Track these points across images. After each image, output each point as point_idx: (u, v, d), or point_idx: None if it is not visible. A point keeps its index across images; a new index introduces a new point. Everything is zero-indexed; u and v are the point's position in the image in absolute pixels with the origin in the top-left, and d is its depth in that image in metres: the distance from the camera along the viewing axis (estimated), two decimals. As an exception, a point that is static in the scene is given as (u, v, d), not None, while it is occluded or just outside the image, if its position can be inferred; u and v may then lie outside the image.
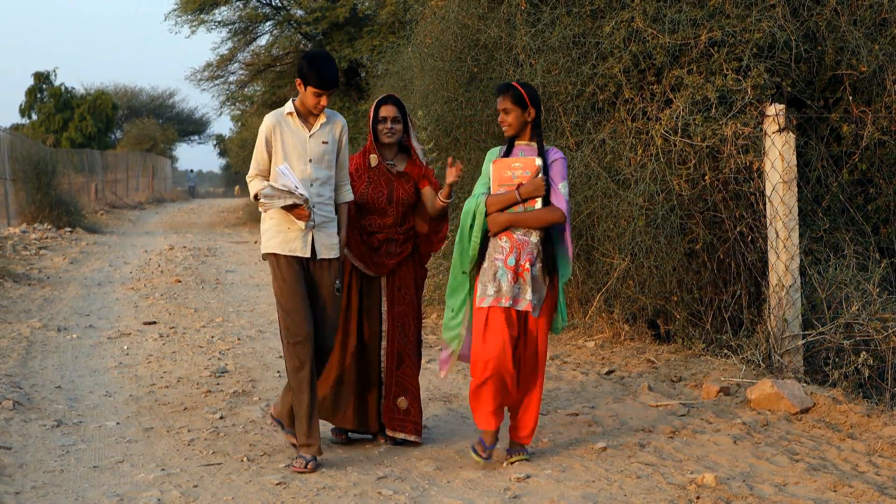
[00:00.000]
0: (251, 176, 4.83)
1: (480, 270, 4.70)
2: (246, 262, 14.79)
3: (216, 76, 23.54)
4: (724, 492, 4.29)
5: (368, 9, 19.70)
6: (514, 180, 4.64)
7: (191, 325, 9.00)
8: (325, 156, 4.79)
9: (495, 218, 4.65)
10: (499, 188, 4.66)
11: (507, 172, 4.66)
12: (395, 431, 5.14)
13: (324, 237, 4.79)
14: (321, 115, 4.80)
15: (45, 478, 4.63)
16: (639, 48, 6.89)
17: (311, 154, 4.76)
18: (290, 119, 4.79)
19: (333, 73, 4.65)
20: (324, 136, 4.80)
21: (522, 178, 4.63)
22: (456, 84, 8.71)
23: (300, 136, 4.77)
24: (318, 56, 4.67)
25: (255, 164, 4.82)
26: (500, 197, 4.65)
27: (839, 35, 6.73)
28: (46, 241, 16.70)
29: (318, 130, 4.79)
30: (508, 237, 4.65)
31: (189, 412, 5.90)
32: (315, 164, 4.76)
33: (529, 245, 4.65)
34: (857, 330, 5.95)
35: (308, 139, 4.77)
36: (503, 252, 4.65)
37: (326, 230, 4.81)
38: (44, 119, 42.79)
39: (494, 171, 4.69)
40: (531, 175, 4.62)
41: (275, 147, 4.76)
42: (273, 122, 4.78)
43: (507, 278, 4.62)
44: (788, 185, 6.14)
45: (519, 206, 4.63)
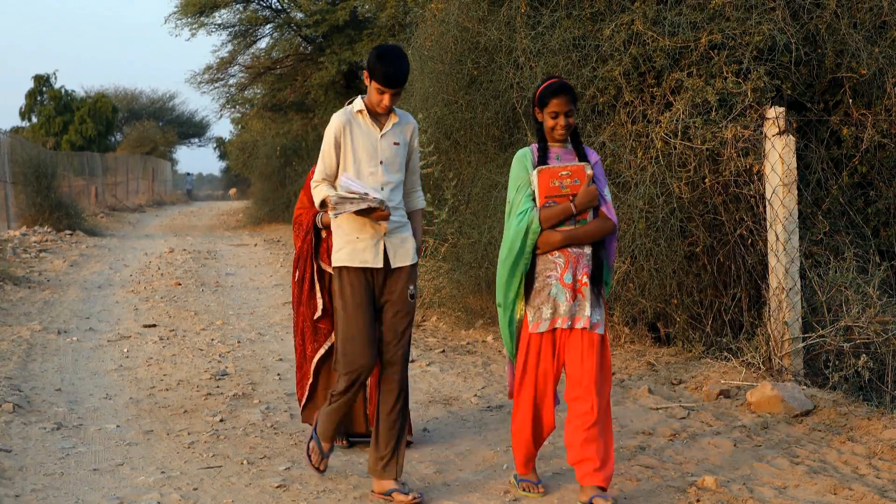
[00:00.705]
0: (317, 181, 4.40)
1: (532, 293, 4.24)
2: (246, 264, 14.79)
3: (216, 79, 23.55)
4: (725, 495, 4.29)
5: (368, 11, 19.71)
6: (562, 190, 4.18)
7: (191, 328, 9.00)
8: (396, 158, 4.42)
9: (549, 237, 4.19)
10: (545, 200, 4.19)
11: (554, 182, 4.19)
12: None
13: (397, 244, 4.39)
14: (393, 115, 4.42)
15: (44, 480, 4.63)
16: (639, 51, 6.89)
17: (382, 155, 4.38)
18: (359, 118, 4.40)
19: (401, 71, 4.25)
20: (395, 136, 4.42)
21: (572, 187, 4.18)
22: (456, 87, 8.71)
23: (371, 136, 4.38)
24: (387, 51, 4.28)
25: (321, 167, 4.41)
26: (554, 211, 4.18)
27: (839, 38, 6.73)
28: (46, 243, 16.70)
29: (389, 130, 4.41)
30: (563, 252, 4.20)
31: (189, 415, 5.90)
32: (386, 166, 4.39)
33: (584, 258, 4.22)
34: (857, 333, 5.95)
35: (379, 139, 4.38)
36: (558, 269, 4.21)
37: (399, 236, 4.40)
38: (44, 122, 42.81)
39: (541, 180, 4.18)
40: (582, 184, 4.19)
41: (344, 148, 4.37)
42: (343, 121, 4.38)
43: (566, 296, 4.18)
44: (788, 187, 6.14)
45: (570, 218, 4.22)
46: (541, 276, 4.23)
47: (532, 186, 4.23)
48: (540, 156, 4.26)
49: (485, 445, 5.20)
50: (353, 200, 4.19)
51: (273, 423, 5.71)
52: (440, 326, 8.86)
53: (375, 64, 4.23)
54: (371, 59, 4.26)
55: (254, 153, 24.78)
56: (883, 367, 5.90)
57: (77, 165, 30.14)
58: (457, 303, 8.78)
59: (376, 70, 4.24)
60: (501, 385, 6.61)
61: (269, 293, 11.40)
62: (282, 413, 5.92)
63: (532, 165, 4.24)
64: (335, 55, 19.55)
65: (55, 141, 39.98)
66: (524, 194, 4.24)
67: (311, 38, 21.15)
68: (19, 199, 19.78)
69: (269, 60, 22.70)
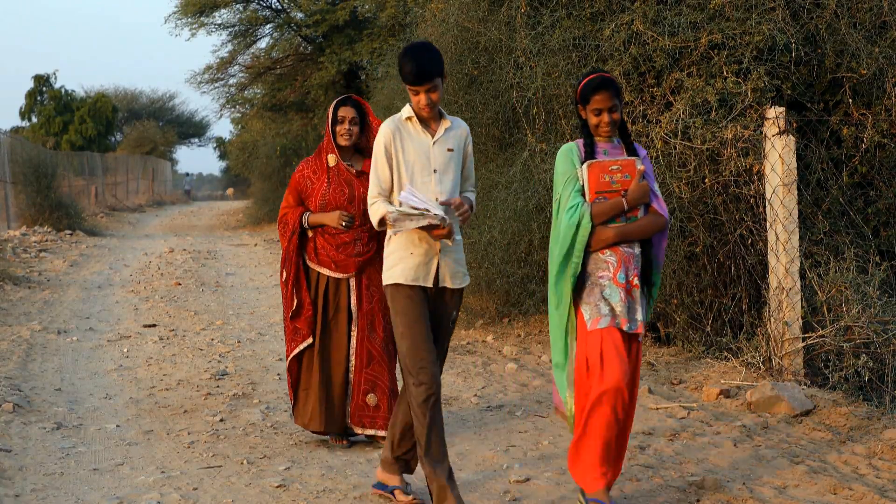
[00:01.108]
0: (373, 197, 4.14)
1: (582, 292, 4.03)
2: (246, 264, 14.79)
3: (216, 79, 23.55)
4: (725, 494, 4.29)
5: (368, 11, 19.71)
6: (613, 185, 4.00)
7: (191, 328, 9.00)
8: (450, 165, 4.15)
9: (602, 234, 3.99)
10: (596, 196, 3.99)
11: (604, 177, 4.00)
12: (363, 428, 5.18)
13: (451, 263, 4.16)
14: (444, 119, 4.17)
15: (44, 480, 4.63)
16: (639, 51, 6.89)
17: (435, 164, 4.12)
18: (409, 125, 4.15)
19: (426, 64, 3.97)
20: (449, 142, 4.16)
21: (622, 182, 4.00)
22: (456, 87, 8.71)
23: (422, 144, 4.12)
24: (409, 48, 4.03)
25: (375, 182, 4.14)
26: (605, 206, 3.98)
27: (839, 38, 6.73)
28: (46, 243, 16.70)
29: (441, 136, 4.15)
30: (614, 251, 4.01)
31: (189, 415, 5.90)
32: (440, 174, 4.12)
33: (634, 258, 4.04)
34: (857, 333, 5.94)
35: (431, 146, 4.12)
36: (610, 268, 4.01)
37: (454, 255, 4.18)
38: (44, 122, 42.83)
39: (591, 175, 3.99)
40: (633, 179, 4.01)
41: (395, 158, 4.10)
42: (391, 130, 4.12)
43: (619, 297, 3.98)
44: (788, 187, 6.14)
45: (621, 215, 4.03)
46: (592, 275, 4.02)
47: (581, 181, 4.03)
48: (587, 151, 4.06)
49: (485, 445, 5.20)
50: (412, 217, 3.94)
51: (273, 423, 5.71)
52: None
53: (400, 64, 4.03)
54: (399, 61, 4.05)
55: (254, 153, 24.77)
56: (883, 367, 5.90)
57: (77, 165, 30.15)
58: (457, 303, 8.76)
59: (402, 70, 4.02)
60: (501, 385, 6.61)
61: (269, 293, 11.40)
62: (282, 413, 5.92)
63: (579, 160, 4.04)
64: (335, 55, 19.55)
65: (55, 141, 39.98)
66: (572, 189, 4.02)
67: (311, 38, 21.15)
68: (19, 199, 19.78)
69: (269, 60, 22.70)
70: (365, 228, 5.22)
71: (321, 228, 5.21)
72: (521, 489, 4.48)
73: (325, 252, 5.19)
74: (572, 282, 4.01)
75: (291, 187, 5.32)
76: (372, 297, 5.22)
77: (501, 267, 7.90)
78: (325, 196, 5.18)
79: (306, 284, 5.23)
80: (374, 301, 5.22)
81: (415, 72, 3.97)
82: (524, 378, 6.77)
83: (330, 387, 5.19)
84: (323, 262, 5.21)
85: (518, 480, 4.57)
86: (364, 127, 5.26)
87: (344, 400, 5.21)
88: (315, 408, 5.17)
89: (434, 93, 4.04)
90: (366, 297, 5.22)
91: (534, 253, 7.82)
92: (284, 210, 5.32)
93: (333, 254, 5.18)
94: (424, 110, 4.09)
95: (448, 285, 4.16)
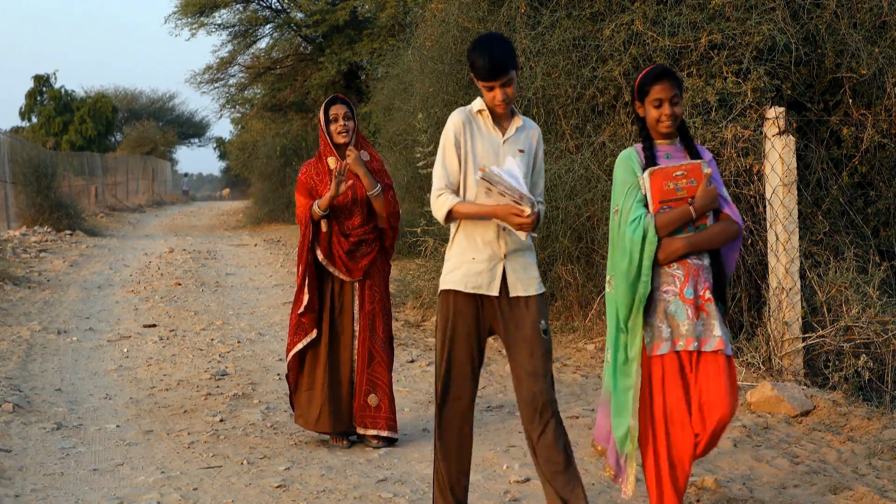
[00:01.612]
0: (439, 189, 3.79)
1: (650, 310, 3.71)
2: (246, 264, 14.79)
3: (216, 79, 23.57)
4: (725, 494, 4.29)
5: (368, 12, 19.72)
6: (678, 193, 3.68)
7: (191, 328, 9.00)
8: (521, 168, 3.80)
9: (671, 245, 3.66)
10: (660, 206, 3.68)
11: (668, 184, 3.67)
12: (366, 428, 5.18)
13: (519, 269, 3.79)
14: (516, 118, 3.87)
15: (44, 481, 4.63)
16: (639, 51, 6.89)
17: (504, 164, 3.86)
18: (479, 118, 3.85)
19: (499, 56, 3.68)
20: (520, 143, 3.85)
21: (688, 188, 3.68)
22: (456, 87, 8.72)
23: (492, 142, 3.82)
24: (480, 40, 3.76)
25: (441, 173, 3.81)
26: (671, 216, 3.66)
27: (839, 38, 6.73)
28: (46, 244, 16.70)
29: (513, 136, 3.85)
30: (682, 263, 3.68)
31: (189, 415, 5.90)
32: None
33: (704, 270, 3.71)
34: (857, 333, 5.94)
35: (501, 145, 3.82)
36: (676, 282, 3.69)
37: (523, 260, 3.82)
38: (44, 122, 42.83)
39: (654, 184, 3.67)
40: (699, 184, 3.68)
41: (464, 149, 3.80)
42: (462, 120, 3.82)
43: (688, 314, 3.65)
44: (788, 187, 6.14)
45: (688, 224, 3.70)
46: (656, 291, 3.70)
47: (643, 190, 3.71)
48: (647, 156, 3.74)
49: (485, 445, 5.20)
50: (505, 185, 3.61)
51: (273, 423, 5.71)
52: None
53: (471, 57, 3.75)
54: (469, 56, 3.78)
55: (254, 153, 24.79)
56: (883, 367, 5.90)
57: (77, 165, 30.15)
58: (457, 303, 8.76)
59: (474, 64, 3.74)
60: (501, 385, 6.61)
61: (269, 293, 11.39)
62: (282, 413, 5.92)
63: (640, 167, 3.72)
64: (335, 55, 19.55)
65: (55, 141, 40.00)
66: (634, 199, 3.70)
67: (311, 38, 21.15)
68: (19, 199, 19.78)
69: (269, 60, 22.72)
70: (369, 229, 5.22)
71: (336, 229, 5.21)
72: (521, 489, 4.48)
73: (339, 255, 5.20)
74: (642, 303, 3.66)
75: (301, 189, 5.31)
76: (374, 297, 5.23)
77: (501, 267, 7.89)
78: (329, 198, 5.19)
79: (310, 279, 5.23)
80: (376, 301, 5.23)
81: (489, 66, 3.68)
82: (524, 378, 6.76)
83: (337, 386, 5.19)
84: (337, 265, 5.22)
85: (518, 480, 4.57)
86: (356, 123, 5.29)
87: (350, 399, 5.22)
88: (323, 408, 5.16)
89: (509, 87, 3.75)
90: (368, 297, 5.22)
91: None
92: (300, 210, 5.34)
93: (344, 258, 5.19)
94: (500, 106, 3.78)
95: (520, 293, 3.78)
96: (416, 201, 10.39)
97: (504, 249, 3.77)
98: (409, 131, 10.19)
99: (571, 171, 7.14)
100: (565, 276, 7.82)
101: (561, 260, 7.76)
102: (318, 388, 5.18)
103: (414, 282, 9.76)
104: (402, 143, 10.71)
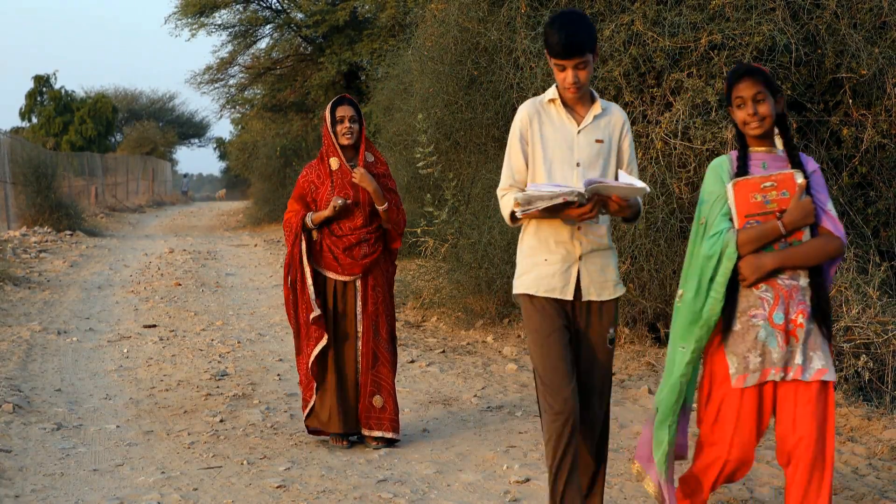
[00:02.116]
0: (504, 188, 3.60)
1: (731, 336, 3.37)
2: (246, 264, 14.79)
3: (216, 79, 23.58)
4: (725, 495, 4.29)
5: (368, 12, 19.73)
6: (766, 206, 3.33)
7: (191, 329, 9.00)
8: (598, 160, 3.54)
9: (755, 262, 3.30)
10: (746, 220, 3.34)
11: (756, 196, 3.34)
12: (371, 430, 5.17)
13: (594, 272, 3.56)
14: (595, 104, 3.56)
15: (44, 481, 4.63)
16: (639, 51, 6.89)
17: (579, 156, 3.54)
18: (551, 108, 3.57)
19: (576, 33, 3.39)
20: (598, 132, 3.55)
21: (779, 201, 3.32)
22: (456, 87, 8.72)
23: (566, 132, 3.53)
24: (558, 15, 3.48)
25: (507, 172, 3.60)
26: (755, 232, 3.31)
27: (839, 38, 6.74)
28: (46, 244, 16.70)
29: (590, 124, 3.55)
30: (771, 284, 3.33)
31: (189, 415, 5.90)
32: (584, 169, 3.53)
33: (798, 291, 3.33)
34: (857, 333, 5.94)
35: (576, 136, 3.53)
36: (765, 305, 3.33)
37: (601, 261, 3.58)
38: (44, 122, 42.81)
39: (738, 196, 3.34)
40: (792, 196, 3.32)
41: (531, 146, 3.55)
42: (529, 113, 3.57)
43: (778, 341, 3.31)
44: (788, 188, 6.13)
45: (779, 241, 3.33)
46: (743, 315, 3.35)
47: (728, 202, 3.38)
48: (739, 164, 3.40)
49: (485, 446, 5.20)
50: (543, 196, 3.37)
51: (273, 423, 5.71)
52: (440, 327, 8.86)
53: (546, 33, 3.46)
54: (544, 29, 3.50)
55: (254, 153, 24.81)
56: (883, 368, 5.90)
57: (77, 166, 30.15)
58: (457, 303, 8.79)
59: (547, 40, 3.44)
60: (501, 385, 6.61)
61: (269, 293, 11.39)
62: (282, 413, 5.92)
63: (729, 176, 3.40)
64: (335, 55, 19.56)
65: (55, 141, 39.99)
66: (719, 212, 3.37)
67: (311, 39, 21.16)
68: (19, 200, 19.78)
69: (269, 61, 22.73)
70: (371, 229, 5.22)
71: (328, 230, 5.21)
72: (521, 489, 4.48)
73: (331, 255, 5.20)
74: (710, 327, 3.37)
75: (296, 194, 5.32)
76: (377, 298, 5.22)
77: (501, 267, 7.90)
78: (329, 199, 5.18)
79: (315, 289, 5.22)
80: (379, 302, 5.22)
81: (563, 42, 3.38)
82: (524, 378, 6.77)
83: (345, 388, 5.19)
84: (329, 266, 5.21)
85: (518, 481, 4.57)
86: (362, 125, 5.28)
87: (356, 400, 5.21)
88: (333, 409, 5.16)
89: (583, 70, 3.44)
90: (371, 298, 5.21)
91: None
92: (289, 214, 5.33)
93: (341, 256, 5.18)
94: (570, 90, 3.48)
95: (593, 298, 3.55)
96: (416, 201, 10.39)
97: (580, 250, 3.54)
98: (409, 131, 10.19)
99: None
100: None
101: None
102: (329, 390, 5.17)
103: (414, 282, 9.76)
104: (402, 143, 10.71)
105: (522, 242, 3.64)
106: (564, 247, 3.54)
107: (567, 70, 3.44)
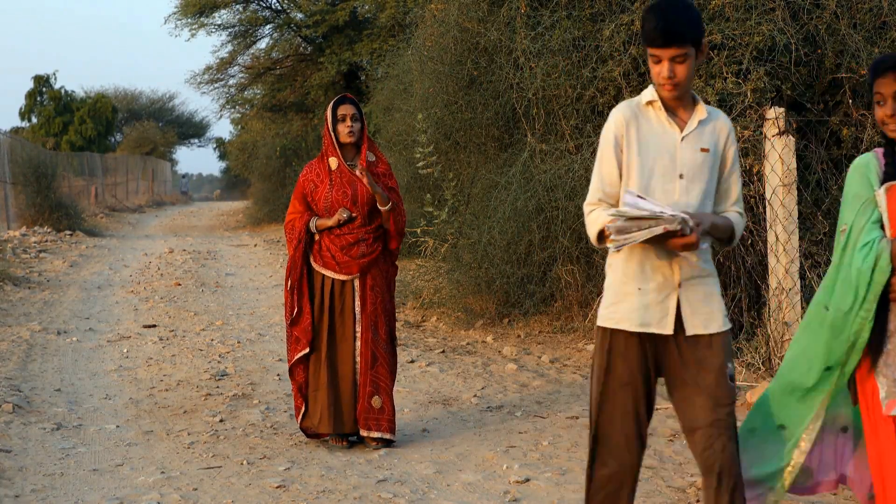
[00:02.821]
0: (591, 203, 3.09)
1: (882, 357, 2.98)
2: (246, 265, 14.79)
3: (216, 79, 23.58)
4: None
5: (368, 12, 19.73)
6: None
7: (190, 329, 9.00)
8: (703, 171, 3.06)
9: None
10: None
11: None
12: (370, 430, 5.16)
13: (697, 301, 3.04)
14: (699, 108, 3.09)
15: (44, 481, 4.63)
16: (639, 51, 6.90)
17: (682, 167, 3.05)
18: (650, 111, 3.09)
19: (675, 20, 2.92)
20: (703, 140, 3.08)
21: None
22: (456, 87, 8.72)
23: (667, 139, 3.06)
24: (658, 2, 3.00)
25: (597, 183, 3.10)
26: None
27: (839, 38, 6.74)
28: (46, 244, 16.70)
29: (694, 130, 3.08)
30: None
31: (189, 415, 5.90)
32: (688, 182, 3.04)
33: None
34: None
35: (679, 143, 3.06)
36: None
37: (703, 289, 3.06)
38: (44, 122, 42.82)
39: (891, 201, 2.98)
40: None
41: (626, 153, 3.05)
42: (626, 116, 3.07)
43: None
44: (788, 188, 6.14)
45: None
46: (894, 334, 2.97)
47: (879, 208, 3.00)
48: (888, 163, 3.07)
49: (484, 446, 5.20)
50: (642, 222, 2.86)
51: (273, 423, 5.71)
52: (440, 326, 8.86)
53: (643, 17, 3.01)
54: (642, 16, 3.09)
55: (254, 154, 24.81)
56: (883, 368, 5.90)
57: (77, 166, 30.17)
58: (457, 303, 8.79)
59: (644, 24, 2.99)
60: (501, 385, 6.61)
61: (269, 293, 11.39)
62: (282, 413, 5.92)
63: (878, 178, 3.03)
64: (335, 56, 19.56)
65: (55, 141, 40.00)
66: (868, 219, 2.99)
67: (310, 39, 21.16)
68: (19, 200, 19.79)
69: (269, 61, 22.72)
70: (370, 229, 5.22)
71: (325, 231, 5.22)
72: (521, 489, 4.48)
73: (328, 253, 5.20)
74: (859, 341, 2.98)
75: (297, 193, 5.33)
76: (376, 298, 5.22)
77: (501, 267, 7.91)
78: (328, 198, 5.19)
79: (309, 291, 5.22)
80: (378, 302, 5.22)
81: (659, 28, 2.91)
82: (524, 378, 6.77)
83: (338, 389, 5.19)
84: (327, 264, 5.21)
85: (518, 481, 4.57)
86: (363, 124, 5.29)
87: (353, 401, 5.21)
88: (324, 410, 5.16)
89: (681, 64, 2.97)
90: (370, 298, 5.21)
91: (533, 253, 7.83)
92: (291, 216, 5.33)
93: (338, 255, 5.18)
94: (665, 86, 3.00)
95: (698, 331, 3.03)
96: (416, 201, 10.39)
97: (679, 276, 3.02)
98: (408, 131, 10.19)
99: (571, 171, 7.14)
100: (565, 277, 7.83)
101: (561, 260, 7.77)
102: (321, 391, 5.17)
103: (414, 282, 9.77)
104: (402, 143, 10.71)
105: (612, 267, 3.12)
106: (661, 272, 3.03)
107: (663, 62, 2.97)
